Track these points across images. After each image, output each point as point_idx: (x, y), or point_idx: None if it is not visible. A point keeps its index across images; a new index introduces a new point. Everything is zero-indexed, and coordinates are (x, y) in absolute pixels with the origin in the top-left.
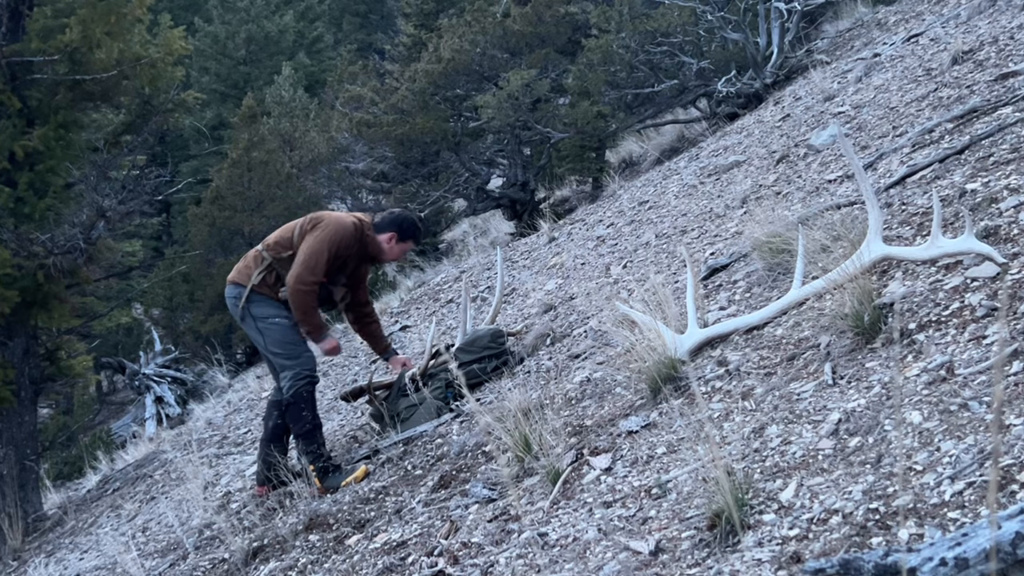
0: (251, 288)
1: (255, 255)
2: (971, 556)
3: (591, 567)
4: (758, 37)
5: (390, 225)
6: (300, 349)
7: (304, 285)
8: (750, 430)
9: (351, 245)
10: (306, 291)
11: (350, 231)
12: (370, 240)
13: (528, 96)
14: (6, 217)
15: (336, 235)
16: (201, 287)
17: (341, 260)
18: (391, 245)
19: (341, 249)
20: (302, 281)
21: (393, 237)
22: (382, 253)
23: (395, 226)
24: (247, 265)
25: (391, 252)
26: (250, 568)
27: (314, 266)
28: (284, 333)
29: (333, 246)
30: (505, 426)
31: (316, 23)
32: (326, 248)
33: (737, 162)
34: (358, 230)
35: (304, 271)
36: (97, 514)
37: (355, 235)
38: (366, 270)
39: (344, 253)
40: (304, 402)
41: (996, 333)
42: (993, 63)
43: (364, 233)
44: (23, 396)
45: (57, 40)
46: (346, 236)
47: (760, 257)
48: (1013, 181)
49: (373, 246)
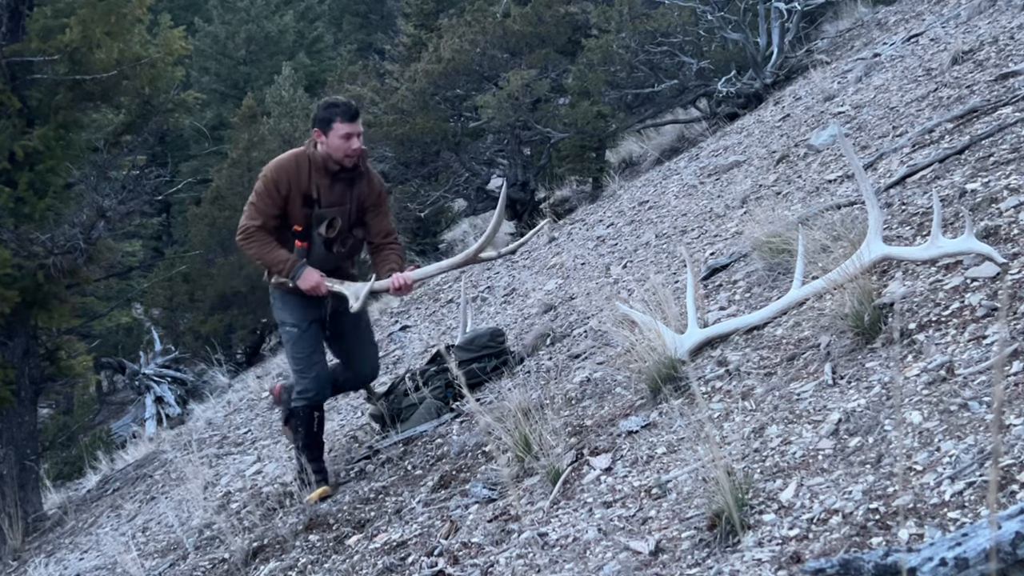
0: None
1: None
2: (971, 556)
3: (591, 567)
4: (758, 37)
5: (312, 125)
6: (309, 364)
7: (240, 234)
8: (750, 430)
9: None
10: (243, 236)
11: (285, 162)
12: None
13: (528, 96)
14: (6, 217)
15: (268, 171)
16: (201, 287)
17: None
18: (323, 142)
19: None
20: (240, 231)
21: (317, 134)
22: (328, 159)
23: (313, 123)
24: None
25: (331, 148)
26: (250, 568)
27: (248, 214)
28: (294, 344)
29: (266, 182)
30: (505, 426)
31: (316, 23)
32: (258, 190)
33: (737, 162)
34: (295, 156)
35: (242, 221)
36: (97, 514)
37: (291, 162)
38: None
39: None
40: (301, 421)
41: (996, 333)
42: (993, 63)
43: (308, 155)
44: (23, 396)
45: (57, 40)
46: (279, 168)
47: (760, 257)
48: (1013, 181)
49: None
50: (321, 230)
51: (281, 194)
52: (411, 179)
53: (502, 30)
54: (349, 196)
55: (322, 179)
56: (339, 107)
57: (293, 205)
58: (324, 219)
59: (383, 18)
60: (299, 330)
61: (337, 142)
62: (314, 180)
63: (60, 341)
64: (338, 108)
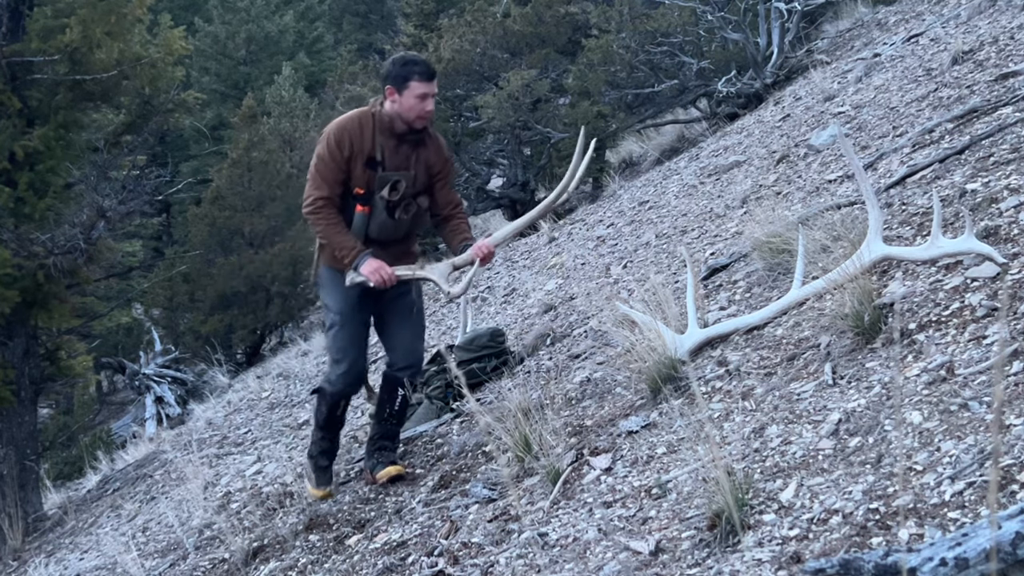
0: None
1: None
2: (971, 556)
3: (591, 567)
4: (758, 37)
5: (383, 82)
6: (344, 357)
7: (309, 206)
8: (750, 430)
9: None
10: (311, 208)
11: (347, 122)
12: (383, 116)
13: (528, 96)
14: (6, 217)
15: (327, 135)
16: (201, 287)
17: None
18: (396, 101)
19: (341, 144)
20: (306, 202)
21: (391, 92)
22: (396, 119)
23: (386, 80)
24: None
25: (403, 108)
26: (250, 568)
27: (314, 181)
28: (334, 334)
29: (328, 145)
30: (505, 426)
31: (316, 23)
32: (320, 154)
33: (737, 162)
34: (358, 116)
35: (306, 191)
36: (97, 514)
37: (353, 122)
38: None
39: (347, 146)
40: (324, 400)
41: (996, 333)
42: (993, 63)
43: (372, 114)
44: (23, 396)
45: (57, 40)
46: (341, 129)
47: (760, 257)
48: (1013, 181)
49: (390, 118)
50: (384, 193)
51: (344, 156)
52: None
53: (502, 30)
54: (414, 160)
55: (387, 140)
56: (418, 65)
57: (356, 167)
58: (387, 182)
59: (383, 18)
60: (341, 318)
61: (411, 102)
62: (378, 141)
63: (60, 341)
64: (417, 66)
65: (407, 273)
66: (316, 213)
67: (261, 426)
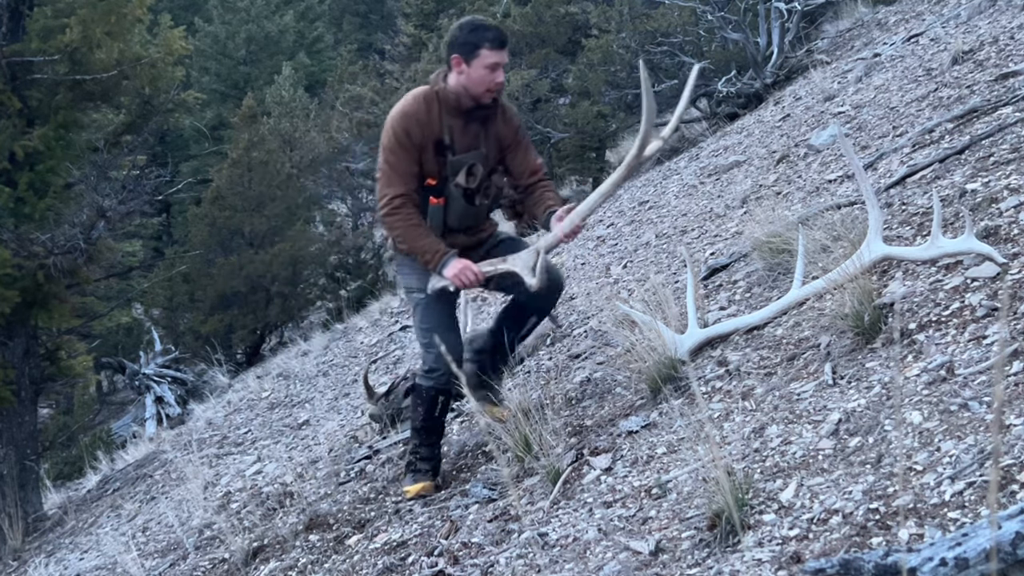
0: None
1: None
2: (971, 556)
3: (591, 567)
4: (758, 37)
5: (448, 50)
6: (434, 337)
7: (384, 206)
8: (750, 430)
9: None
10: (387, 209)
11: (410, 106)
12: (448, 92)
13: (528, 96)
14: (6, 217)
15: (391, 123)
16: (201, 287)
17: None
18: (463, 72)
19: (409, 132)
20: (380, 202)
21: (457, 62)
22: (466, 92)
23: (452, 47)
24: None
25: (471, 80)
26: (250, 568)
27: (385, 177)
28: (421, 314)
29: (395, 135)
30: (505, 426)
31: (316, 23)
32: (388, 146)
33: (737, 162)
34: (422, 96)
35: (379, 190)
36: (97, 514)
37: (418, 105)
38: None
39: (417, 132)
40: (422, 400)
41: (996, 333)
42: (993, 63)
43: (436, 92)
44: (23, 396)
45: (57, 40)
46: (405, 115)
47: (760, 257)
48: (1013, 181)
49: (456, 94)
50: (460, 180)
51: (414, 144)
52: None
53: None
54: (484, 137)
55: (454, 119)
56: (489, 31)
57: (426, 155)
58: (461, 167)
59: (383, 18)
60: (427, 297)
61: (481, 73)
62: (445, 122)
63: (60, 341)
64: (488, 32)
65: (490, 269)
66: (394, 213)
67: (261, 426)
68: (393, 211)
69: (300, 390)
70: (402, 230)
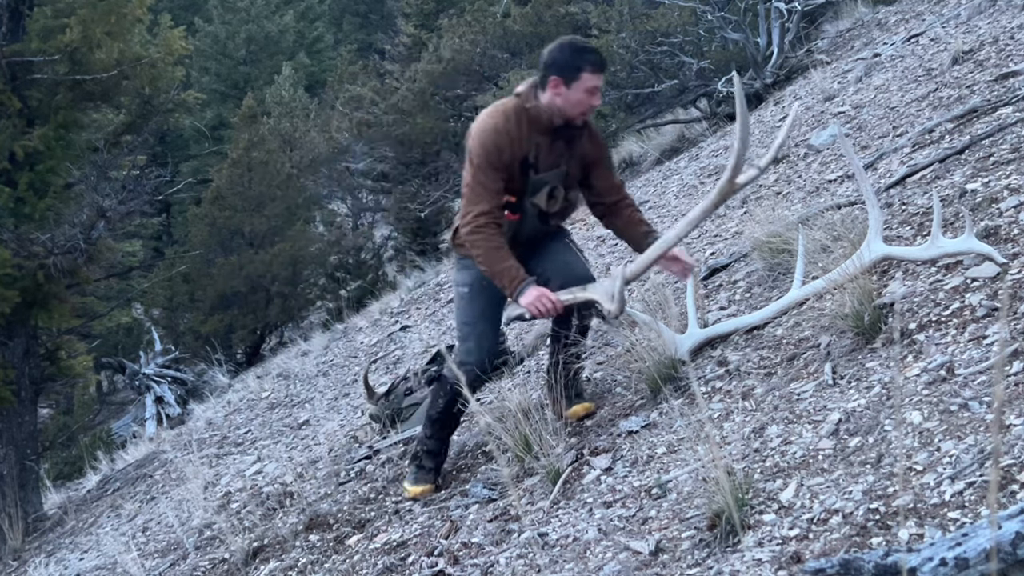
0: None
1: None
2: (971, 556)
3: (591, 567)
4: (758, 37)
5: (546, 70)
6: (472, 329)
7: (469, 223)
8: (750, 430)
9: (511, 135)
10: (472, 228)
11: (501, 122)
12: (540, 110)
13: None
14: (6, 217)
15: (482, 138)
16: (201, 287)
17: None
18: (561, 94)
19: (500, 149)
20: (465, 219)
21: (556, 83)
22: (560, 112)
23: (551, 68)
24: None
25: (568, 102)
26: (250, 568)
27: (473, 193)
28: (461, 307)
29: (485, 151)
30: (505, 426)
31: (316, 23)
32: (478, 162)
33: None
34: (513, 112)
35: (464, 205)
36: (97, 514)
37: (508, 121)
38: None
39: (507, 150)
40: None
41: (996, 333)
42: (993, 63)
43: (526, 109)
44: (23, 396)
45: (57, 40)
46: (496, 131)
47: (760, 257)
48: (1013, 181)
49: (547, 113)
50: (540, 202)
51: (504, 162)
52: (411, 179)
53: (502, 30)
54: (568, 155)
55: (541, 137)
56: (591, 54)
57: (511, 172)
58: (542, 186)
59: (383, 18)
60: (470, 290)
61: (580, 96)
62: (532, 139)
63: (60, 341)
64: (590, 55)
65: (569, 298)
66: (478, 232)
67: (261, 426)
68: (478, 229)
69: (300, 390)
70: (484, 250)
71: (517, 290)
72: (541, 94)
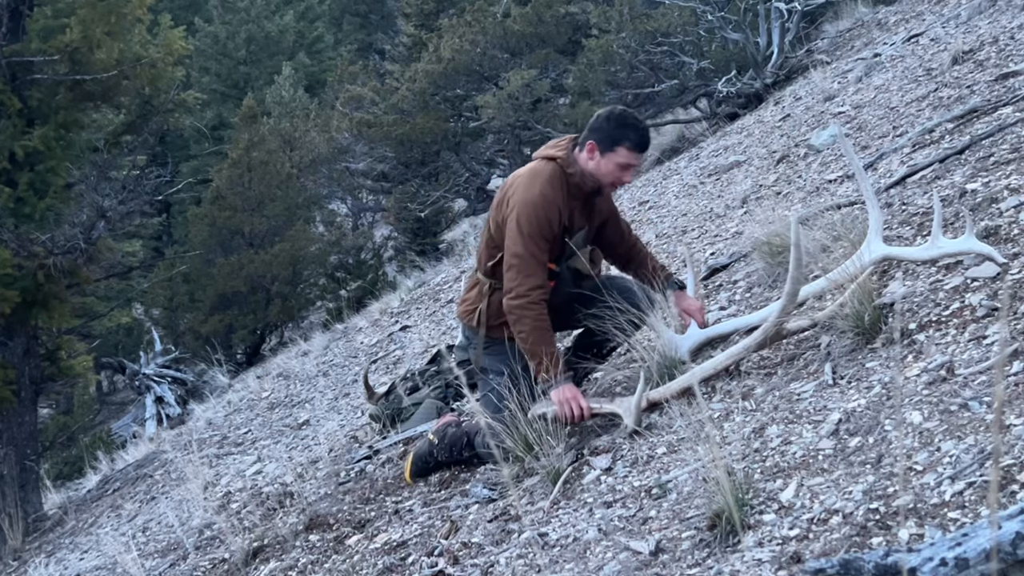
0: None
1: (472, 282)
2: (971, 556)
3: (591, 567)
4: (758, 37)
5: (589, 133)
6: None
7: (521, 296)
8: (750, 430)
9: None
10: (521, 303)
11: (550, 193)
12: (577, 173)
13: (528, 96)
14: (6, 217)
15: (532, 209)
16: (201, 287)
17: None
18: (596, 160)
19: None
20: (518, 291)
21: (593, 148)
22: (592, 177)
23: (592, 133)
24: (467, 298)
25: (601, 171)
26: (250, 568)
27: (526, 265)
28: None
29: (538, 222)
30: (505, 426)
31: (316, 23)
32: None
33: (737, 162)
34: (558, 179)
35: (512, 280)
36: (97, 514)
37: (556, 189)
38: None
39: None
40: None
41: (996, 333)
42: (993, 63)
43: (568, 174)
44: (23, 396)
45: (57, 40)
46: (547, 202)
47: (760, 257)
48: (1013, 181)
49: (583, 178)
50: (580, 266)
51: (554, 232)
52: (411, 179)
53: (502, 30)
54: (589, 214)
55: (574, 200)
56: (635, 133)
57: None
58: (579, 249)
59: (383, 18)
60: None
61: (612, 168)
62: (569, 204)
63: (60, 341)
64: (633, 133)
65: (596, 407)
66: (531, 308)
67: (261, 426)
68: (531, 305)
69: (300, 390)
70: (530, 330)
71: (554, 380)
72: (579, 154)
